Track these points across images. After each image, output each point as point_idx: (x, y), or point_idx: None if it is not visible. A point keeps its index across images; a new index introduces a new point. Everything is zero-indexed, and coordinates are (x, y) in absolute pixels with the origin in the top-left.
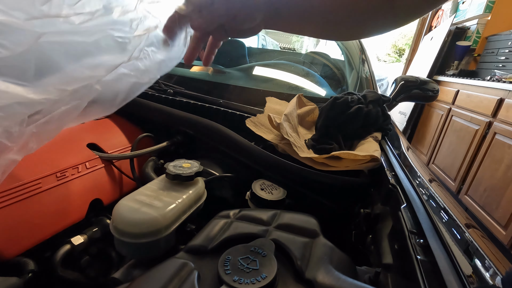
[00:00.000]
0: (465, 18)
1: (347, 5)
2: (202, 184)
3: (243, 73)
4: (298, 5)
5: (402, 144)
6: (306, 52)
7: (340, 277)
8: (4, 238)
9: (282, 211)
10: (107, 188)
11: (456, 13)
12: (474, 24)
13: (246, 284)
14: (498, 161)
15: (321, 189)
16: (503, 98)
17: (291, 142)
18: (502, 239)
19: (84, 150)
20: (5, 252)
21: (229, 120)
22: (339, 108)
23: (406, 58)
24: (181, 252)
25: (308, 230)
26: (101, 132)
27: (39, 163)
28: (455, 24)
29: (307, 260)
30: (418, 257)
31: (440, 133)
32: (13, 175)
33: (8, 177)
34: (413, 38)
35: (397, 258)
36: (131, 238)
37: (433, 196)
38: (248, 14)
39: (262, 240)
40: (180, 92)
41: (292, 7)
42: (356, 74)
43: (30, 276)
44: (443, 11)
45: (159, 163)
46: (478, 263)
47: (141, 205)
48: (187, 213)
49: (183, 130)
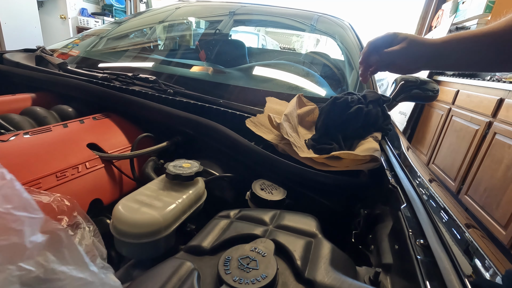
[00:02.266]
0: (465, 18)
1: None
2: (202, 184)
3: (243, 73)
4: (453, 65)
5: (402, 144)
6: (306, 52)
7: (340, 277)
8: None
9: (282, 211)
10: (107, 188)
11: (456, 13)
12: (474, 24)
13: (246, 284)
14: (498, 161)
15: (321, 189)
16: (503, 98)
17: (291, 142)
18: (502, 239)
19: (84, 150)
20: None
21: (229, 120)
22: (339, 108)
23: None
24: (181, 252)
25: (308, 230)
26: (101, 132)
27: (39, 163)
28: (455, 24)
29: (307, 260)
30: (418, 257)
31: (440, 133)
32: (13, 175)
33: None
34: None
35: (397, 258)
36: (131, 238)
37: (433, 196)
38: (413, 71)
39: (262, 240)
40: (180, 92)
41: (448, 67)
42: (356, 74)
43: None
44: (443, 11)
45: (159, 163)
46: (478, 263)
47: (141, 205)
48: (187, 213)
49: (183, 130)
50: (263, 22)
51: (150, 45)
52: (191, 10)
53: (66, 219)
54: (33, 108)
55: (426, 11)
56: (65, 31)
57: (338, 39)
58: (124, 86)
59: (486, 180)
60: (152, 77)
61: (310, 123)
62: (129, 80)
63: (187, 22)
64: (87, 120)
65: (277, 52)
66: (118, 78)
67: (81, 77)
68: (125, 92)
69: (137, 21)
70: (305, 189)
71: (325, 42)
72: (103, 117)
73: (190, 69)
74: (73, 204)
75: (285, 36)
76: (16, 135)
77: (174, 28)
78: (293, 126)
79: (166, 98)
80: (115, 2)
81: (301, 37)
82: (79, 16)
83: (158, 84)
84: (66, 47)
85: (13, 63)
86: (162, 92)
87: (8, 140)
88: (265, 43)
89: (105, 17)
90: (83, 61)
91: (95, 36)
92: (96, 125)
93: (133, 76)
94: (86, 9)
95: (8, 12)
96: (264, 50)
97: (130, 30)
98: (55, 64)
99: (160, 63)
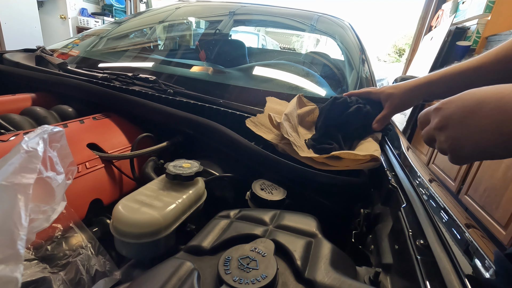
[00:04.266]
0: (465, 18)
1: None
2: (202, 184)
3: (243, 73)
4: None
5: (402, 144)
6: (306, 52)
7: (340, 277)
8: None
9: (282, 211)
10: (107, 188)
11: (456, 13)
12: (474, 24)
13: (246, 284)
14: (498, 161)
15: (321, 189)
16: None
17: (291, 141)
18: (502, 239)
19: (84, 150)
20: None
21: (229, 120)
22: (339, 108)
23: (406, 58)
24: (181, 252)
25: (308, 230)
26: (101, 132)
27: None
28: (455, 24)
29: (307, 260)
30: (418, 257)
31: None
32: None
33: None
34: (413, 38)
35: (397, 258)
36: (131, 238)
37: (433, 196)
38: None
39: (262, 240)
40: (180, 92)
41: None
42: (356, 74)
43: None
44: (443, 11)
45: (159, 163)
46: (478, 263)
47: (141, 205)
48: (187, 213)
49: (183, 130)
50: (263, 22)
51: (150, 45)
52: (191, 10)
53: (61, 227)
54: (33, 108)
55: (426, 11)
56: (65, 31)
57: (338, 39)
58: (124, 86)
59: (486, 180)
60: (152, 77)
61: (310, 123)
62: (129, 80)
63: (187, 22)
64: (87, 120)
65: (277, 52)
66: (118, 78)
67: (81, 77)
68: (125, 92)
69: (137, 21)
70: (305, 189)
71: (325, 42)
72: (103, 117)
73: (190, 69)
74: (69, 212)
75: (285, 36)
76: (16, 135)
77: (174, 28)
78: (293, 126)
79: (166, 98)
80: (115, 2)
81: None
82: (79, 16)
83: (158, 84)
84: (66, 47)
85: (13, 63)
86: (162, 92)
87: (8, 140)
88: (265, 43)
89: (105, 17)
90: (83, 61)
91: (95, 36)
92: (96, 125)
93: (133, 76)
94: (86, 9)
95: (8, 12)
96: (264, 50)
97: (130, 30)
98: (55, 64)
99: (160, 63)
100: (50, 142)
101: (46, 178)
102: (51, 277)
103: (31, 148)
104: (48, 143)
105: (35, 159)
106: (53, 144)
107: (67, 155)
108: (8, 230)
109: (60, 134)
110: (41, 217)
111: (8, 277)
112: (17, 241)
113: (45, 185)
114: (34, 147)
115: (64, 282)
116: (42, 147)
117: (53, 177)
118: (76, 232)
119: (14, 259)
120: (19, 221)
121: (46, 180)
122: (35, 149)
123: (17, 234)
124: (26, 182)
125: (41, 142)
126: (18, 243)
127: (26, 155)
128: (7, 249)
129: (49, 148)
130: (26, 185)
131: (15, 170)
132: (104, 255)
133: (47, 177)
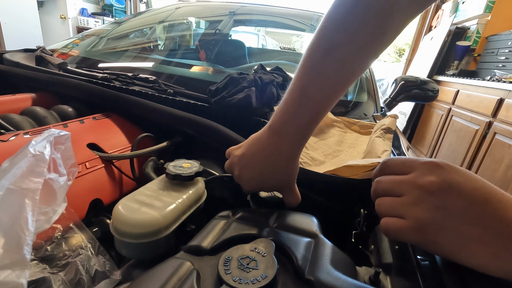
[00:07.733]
0: (465, 18)
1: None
2: (202, 184)
3: None
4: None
5: (402, 144)
6: None
7: (340, 277)
8: None
9: (282, 211)
10: (107, 188)
11: (456, 13)
12: (474, 24)
13: (246, 284)
14: (498, 161)
15: (321, 189)
16: (503, 98)
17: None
18: None
19: (84, 150)
20: None
21: (229, 121)
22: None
23: (406, 58)
24: (181, 252)
25: (308, 230)
26: (101, 132)
27: None
28: (455, 24)
29: (307, 260)
30: (418, 257)
31: (440, 133)
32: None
33: None
34: (413, 38)
35: (397, 258)
36: (131, 238)
37: None
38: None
39: (262, 240)
40: (180, 92)
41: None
42: None
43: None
44: (443, 11)
45: (159, 163)
46: None
47: (141, 205)
48: (187, 213)
49: (183, 130)
50: (263, 22)
51: (150, 45)
52: (191, 10)
53: (61, 228)
54: (33, 108)
55: (426, 11)
56: (65, 31)
57: None
58: (124, 86)
59: (486, 180)
60: (152, 77)
61: (318, 129)
62: (129, 80)
63: (187, 22)
64: (87, 120)
65: (277, 52)
66: (118, 78)
67: (81, 77)
68: (125, 92)
69: (137, 21)
70: (305, 189)
71: None
72: (103, 117)
73: (190, 69)
74: (69, 213)
75: (285, 36)
76: (16, 135)
77: (174, 28)
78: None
79: (166, 98)
80: (115, 2)
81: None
82: (79, 16)
83: (158, 84)
84: (66, 47)
85: (13, 63)
86: (162, 92)
87: (8, 140)
88: (265, 43)
89: (105, 17)
90: (83, 61)
91: (95, 36)
92: (96, 125)
93: (133, 76)
94: (86, 9)
95: (8, 12)
96: (264, 50)
97: (130, 30)
98: (55, 64)
99: (160, 63)
100: (55, 144)
101: (49, 180)
102: (51, 278)
103: (38, 152)
104: (53, 145)
105: (42, 162)
106: (58, 146)
107: (70, 156)
108: (15, 235)
109: (66, 137)
110: (42, 218)
111: (14, 282)
112: (24, 246)
113: (47, 186)
114: (41, 151)
115: (64, 282)
116: (49, 150)
117: (55, 178)
118: (76, 232)
119: (20, 264)
120: (26, 226)
121: (48, 182)
122: (42, 152)
123: (23, 239)
124: (34, 187)
125: (48, 145)
126: (25, 248)
127: (33, 159)
128: (14, 254)
129: (53, 150)
130: (34, 190)
131: (23, 174)
132: (104, 255)
133: (49, 179)
